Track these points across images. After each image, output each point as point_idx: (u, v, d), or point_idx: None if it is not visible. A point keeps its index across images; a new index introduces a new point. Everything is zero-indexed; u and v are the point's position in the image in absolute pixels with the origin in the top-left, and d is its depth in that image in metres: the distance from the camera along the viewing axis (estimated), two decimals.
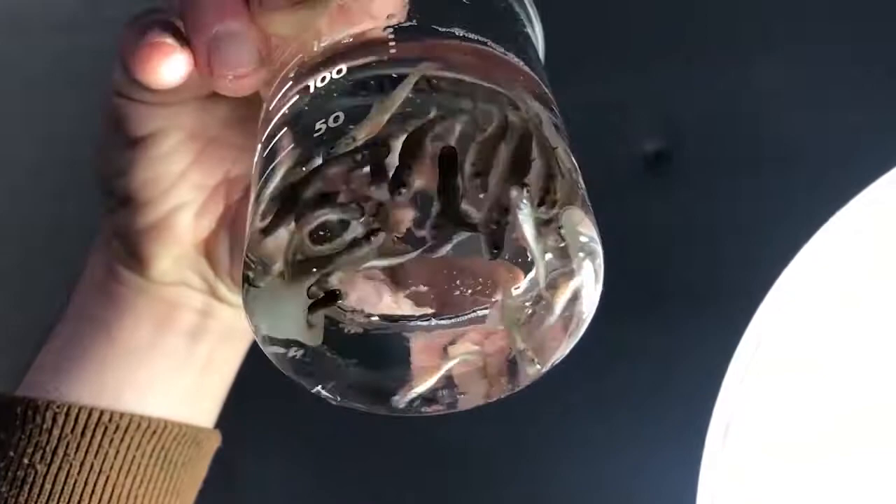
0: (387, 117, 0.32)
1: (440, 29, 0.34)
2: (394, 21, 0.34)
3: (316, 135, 0.32)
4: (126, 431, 0.42)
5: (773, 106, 0.59)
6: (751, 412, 0.45)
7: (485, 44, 0.34)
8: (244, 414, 0.47)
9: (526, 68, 0.35)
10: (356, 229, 0.32)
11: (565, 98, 0.37)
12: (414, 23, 0.34)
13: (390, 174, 0.31)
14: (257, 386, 0.44)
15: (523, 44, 0.37)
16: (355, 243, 0.32)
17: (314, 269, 0.33)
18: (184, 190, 0.41)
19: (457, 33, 0.34)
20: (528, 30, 0.38)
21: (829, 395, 0.45)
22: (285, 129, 0.33)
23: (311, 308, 0.33)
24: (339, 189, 0.32)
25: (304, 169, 0.32)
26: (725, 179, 0.58)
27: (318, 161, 0.31)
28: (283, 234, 0.32)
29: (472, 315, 0.35)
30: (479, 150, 0.31)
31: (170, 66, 0.36)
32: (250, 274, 0.33)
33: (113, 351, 0.42)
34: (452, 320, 0.35)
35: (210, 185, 0.41)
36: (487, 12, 0.36)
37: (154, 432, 0.42)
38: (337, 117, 0.32)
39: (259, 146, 0.34)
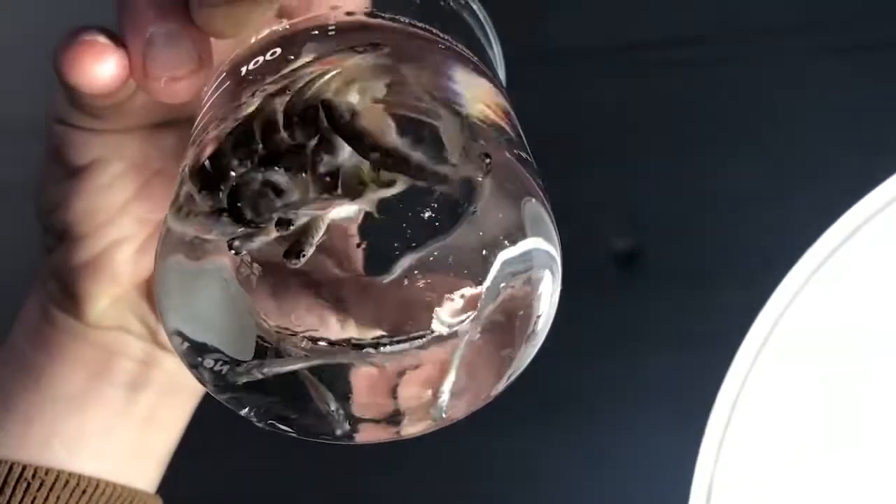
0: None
1: (385, 15, 0.32)
2: (339, 11, 0.32)
3: (237, 106, 0.29)
4: (51, 490, 0.38)
5: (741, 204, 0.60)
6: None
7: (431, 31, 0.32)
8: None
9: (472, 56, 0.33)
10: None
11: None
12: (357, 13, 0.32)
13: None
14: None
15: (477, 51, 0.34)
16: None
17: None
18: (124, 224, 0.38)
19: (402, 20, 0.32)
20: (486, 46, 0.36)
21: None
22: (212, 111, 0.31)
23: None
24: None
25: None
26: (696, 278, 0.60)
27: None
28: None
29: (423, 339, 0.31)
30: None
31: (102, 67, 0.33)
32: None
33: (40, 398, 0.39)
34: (402, 345, 0.31)
35: (153, 219, 0.38)
36: (438, 15, 0.34)
37: (84, 492, 0.38)
38: (264, 90, 0.29)
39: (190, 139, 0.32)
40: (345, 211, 0.29)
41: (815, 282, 0.44)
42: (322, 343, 0.32)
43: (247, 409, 0.32)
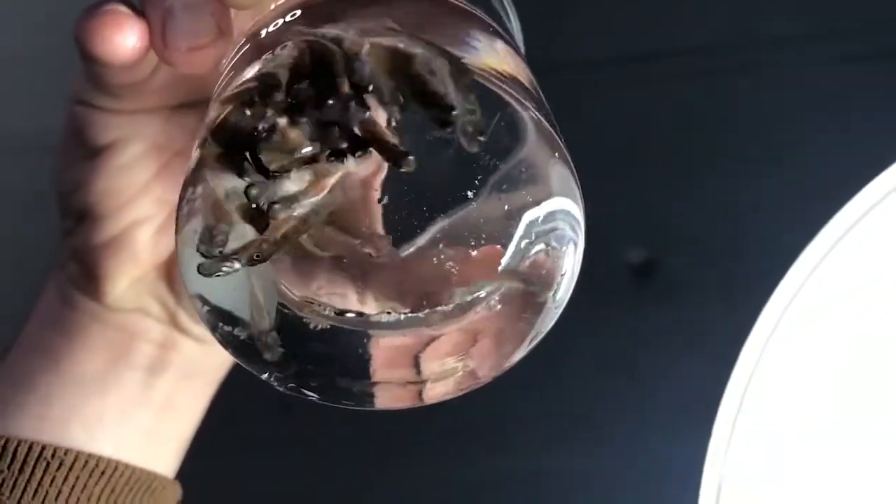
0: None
1: None
2: None
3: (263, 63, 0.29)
4: (70, 470, 0.38)
5: (757, 215, 0.60)
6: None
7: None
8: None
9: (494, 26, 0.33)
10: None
11: None
12: None
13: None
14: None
15: (497, 21, 0.34)
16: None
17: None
18: (144, 204, 0.38)
19: None
20: (504, 19, 0.36)
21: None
22: (233, 72, 0.31)
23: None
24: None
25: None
26: (712, 289, 0.60)
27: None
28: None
29: (445, 310, 0.31)
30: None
31: (123, 36, 0.33)
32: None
33: (60, 380, 0.39)
34: (425, 314, 0.31)
35: (173, 200, 0.38)
36: None
37: (102, 473, 0.38)
38: (284, 46, 0.29)
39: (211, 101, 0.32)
40: (364, 167, 0.30)
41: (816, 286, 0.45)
42: (346, 314, 0.32)
43: (268, 374, 0.32)
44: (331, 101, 0.28)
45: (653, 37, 0.63)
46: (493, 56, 0.32)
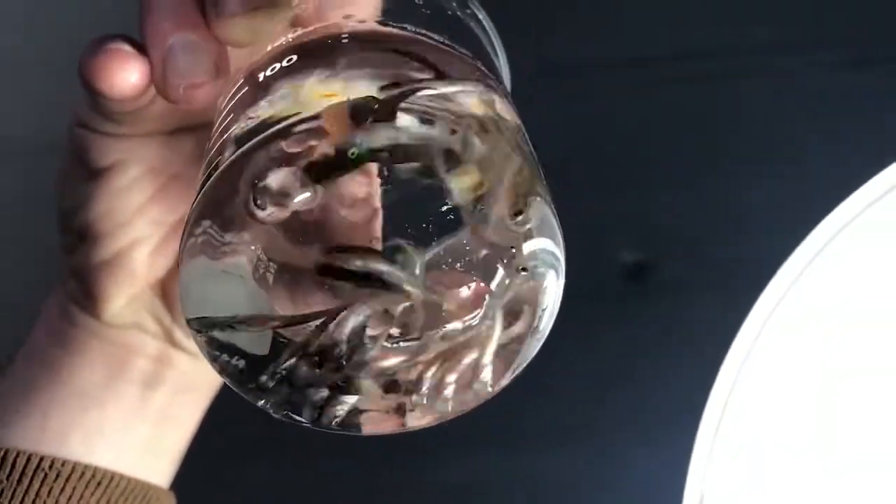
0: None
1: (394, 24, 0.33)
2: (351, 20, 0.34)
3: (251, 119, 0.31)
4: (68, 481, 0.39)
5: (751, 217, 0.60)
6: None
7: (442, 42, 0.33)
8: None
9: (482, 67, 0.34)
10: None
11: None
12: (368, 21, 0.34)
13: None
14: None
15: (483, 59, 0.35)
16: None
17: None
18: (141, 225, 0.39)
19: (410, 28, 0.33)
20: (492, 54, 0.37)
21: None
22: (231, 115, 0.32)
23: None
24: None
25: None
26: (704, 291, 0.60)
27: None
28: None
29: (434, 333, 0.33)
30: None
31: (126, 74, 0.34)
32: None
33: (60, 392, 0.40)
34: (412, 341, 0.33)
35: (169, 222, 0.40)
36: (445, 24, 0.35)
37: (99, 484, 0.40)
38: (285, 94, 0.31)
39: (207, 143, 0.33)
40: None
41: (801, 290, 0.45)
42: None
43: (263, 401, 0.33)
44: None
45: (648, 41, 0.64)
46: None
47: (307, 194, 0.30)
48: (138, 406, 0.41)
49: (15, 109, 0.66)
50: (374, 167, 0.30)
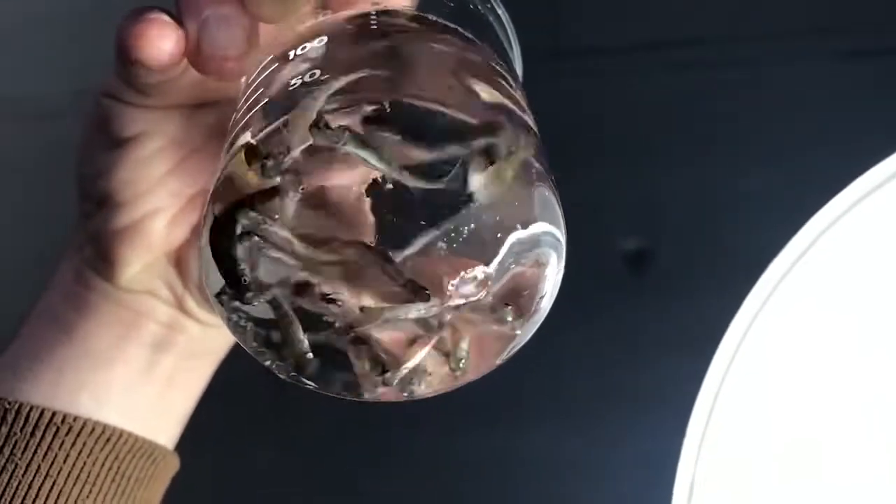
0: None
1: (420, 14, 0.35)
2: (378, 7, 0.36)
3: (290, 88, 0.33)
4: (78, 435, 0.41)
5: (753, 205, 0.61)
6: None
7: (456, 31, 0.35)
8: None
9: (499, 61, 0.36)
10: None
11: None
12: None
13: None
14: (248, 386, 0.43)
15: (499, 49, 0.37)
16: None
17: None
18: (160, 196, 0.41)
19: (434, 19, 0.35)
20: (507, 46, 0.39)
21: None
22: (262, 89, 0.34)
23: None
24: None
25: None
26: (706, 278, 0.60)
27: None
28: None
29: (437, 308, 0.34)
30: None
31: (164, 42, 0.36)
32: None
33: (73, 352, 0.42)
34: (415, 312, 0.34)
35: (187, 194, 0.41)
36: (467, 15, 0.37)
37: (108, 440, 0.41)
38: (313, 73, 0.32)
39: (235, 112, 0.35)
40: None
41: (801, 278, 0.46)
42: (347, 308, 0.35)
43: (270, 362, 0.35)
44: None
45: (652, 27, 0.64)
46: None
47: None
48: (147, 369, 0.43)
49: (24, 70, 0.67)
50: None
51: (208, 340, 0.43)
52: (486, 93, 0.33)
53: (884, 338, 0.46)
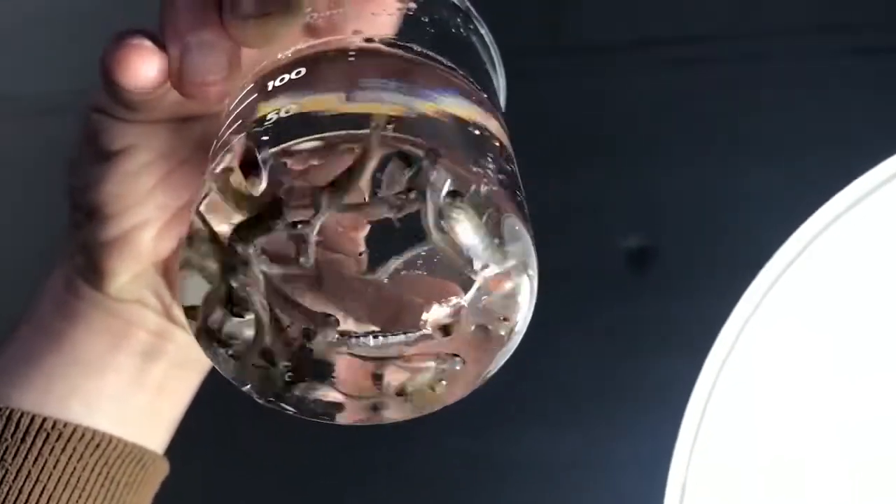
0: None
1: (399, 43, 0.35)
2: (359, 36, 0.36)
3: (266, 124, 0.33)
4: (69, 441, 0.42)
5: (754, 202, 0.61)
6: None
7: (443, 64, 0.35)
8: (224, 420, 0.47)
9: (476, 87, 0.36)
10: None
11: (547, 194, 0.38)
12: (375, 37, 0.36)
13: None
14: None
15: (483, 80, 0.37)
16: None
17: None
18: (148, 208, 0.41)
19: (415, 49, 0.35)
20: (491, 70, 0.39)
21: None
22: (239, 121, 0.34)
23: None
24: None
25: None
26: (707, 276, 0.60)
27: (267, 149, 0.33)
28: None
29: (414, 335, 0.35)
30: None
31: (146, 68, 0.37)
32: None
33: (63, 360, 0.43)
34: (394, 339, 0.35)
35: (174, 206, 0.42)
36: (449, 40, 0.38)
37: (98, 445, 0.42)
38: (288, 110, 0.33)
39: (214, 141, 0.35)
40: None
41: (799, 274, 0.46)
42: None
43: (249, 386, 0.35)
44: None
45: (651, 26, 0.64)
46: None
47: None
48: (137, 376, 0.43)
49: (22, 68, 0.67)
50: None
51: (196, 349, 0.44)
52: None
53: (884, 338, 0.46)
